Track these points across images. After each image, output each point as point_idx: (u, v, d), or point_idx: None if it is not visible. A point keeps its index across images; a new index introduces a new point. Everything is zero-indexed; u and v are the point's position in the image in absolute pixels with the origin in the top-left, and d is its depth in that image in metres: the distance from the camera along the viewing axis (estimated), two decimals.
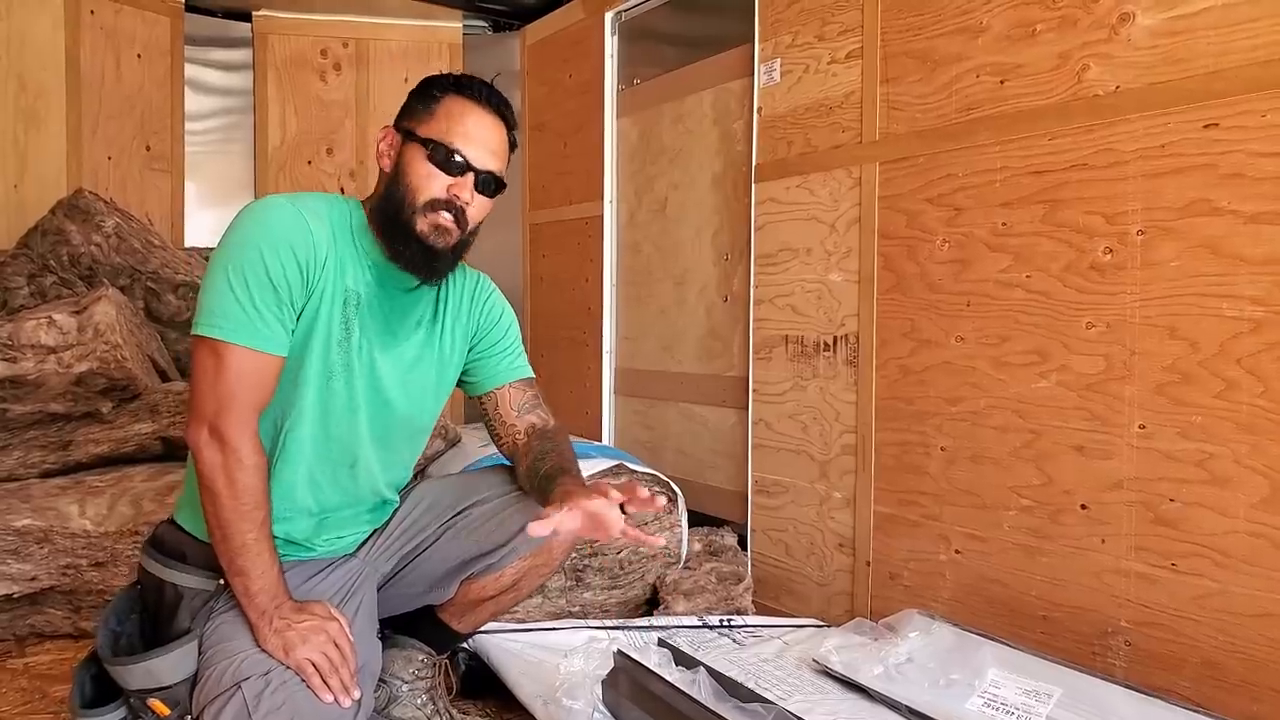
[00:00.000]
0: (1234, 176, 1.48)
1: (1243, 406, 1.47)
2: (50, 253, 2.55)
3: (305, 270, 1.23)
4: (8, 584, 1.93)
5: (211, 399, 1.18)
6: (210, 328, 1.19)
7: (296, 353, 1.26)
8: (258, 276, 1.19)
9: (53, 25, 2.94)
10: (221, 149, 3.51)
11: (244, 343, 1.18)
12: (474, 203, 1.29)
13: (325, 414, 1.31)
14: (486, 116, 1.31)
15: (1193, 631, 1.54)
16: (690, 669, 1.47)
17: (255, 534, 1.19)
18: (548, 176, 3.38)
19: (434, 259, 1.29)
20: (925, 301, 1.97)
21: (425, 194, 1.27)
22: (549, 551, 1.48)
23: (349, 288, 1.29)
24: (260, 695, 1.12)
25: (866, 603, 2.10)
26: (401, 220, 1.27)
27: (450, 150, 1.27)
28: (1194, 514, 1.54)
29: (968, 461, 1.88)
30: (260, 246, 1.19)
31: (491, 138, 1.31)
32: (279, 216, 1.23)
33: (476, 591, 1.49)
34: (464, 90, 1.31)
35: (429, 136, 1.28)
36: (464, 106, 1.29)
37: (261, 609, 1.18)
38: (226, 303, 1.18)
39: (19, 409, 2.11)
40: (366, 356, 1.32)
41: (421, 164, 1.27)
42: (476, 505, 1.47)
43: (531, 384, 1.52)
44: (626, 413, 3.02)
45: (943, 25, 1.93)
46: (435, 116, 1.29)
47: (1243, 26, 1.47)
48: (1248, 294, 1.47)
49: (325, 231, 1.26)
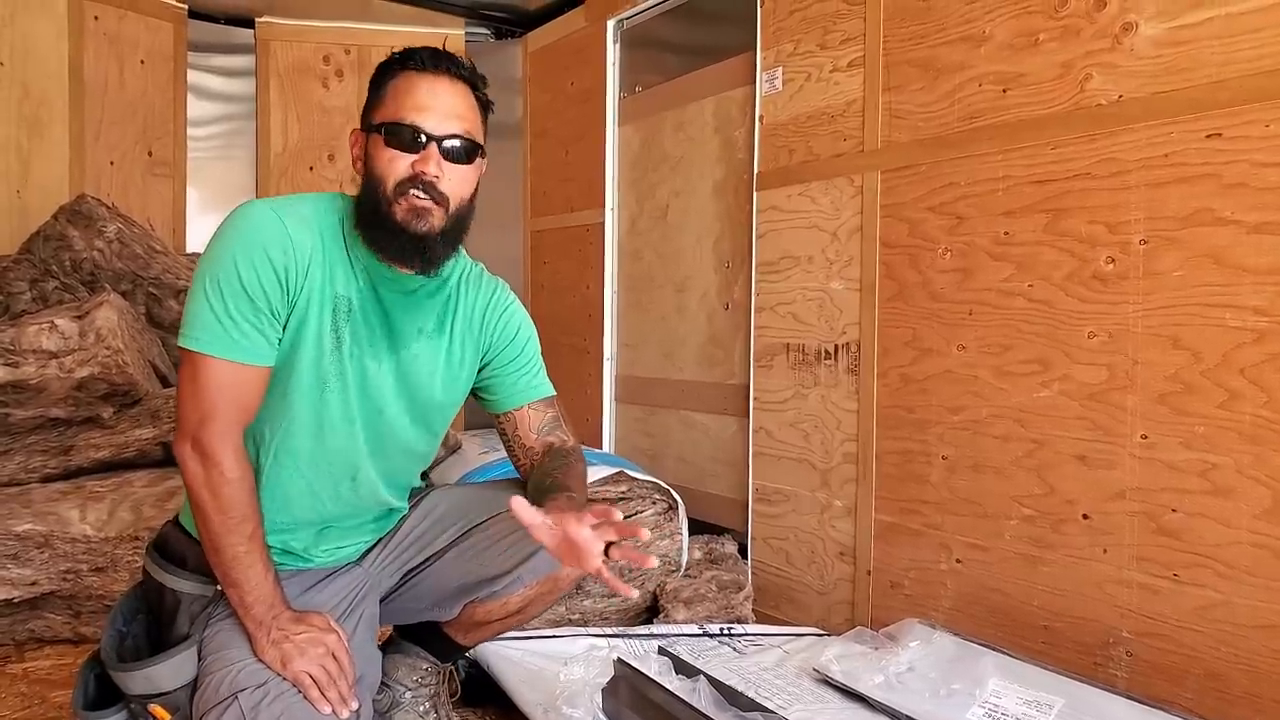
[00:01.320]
0: (1237, 186, 1.48)
1: (1246, 417, 1.47)
2: (52, 258, 2.55)
3: (284, 277, 1.18)
4: (8, 589, 1.92)
5: (193, 412, 1.16)
6: (189, 340, 1.16)
7: (286, 362, 1.22)
8: (233, 286, 1.15)
9: (56, 32, 2.95)
10: (223, 155, 3.51)
11: (221, 355, 1.15)
12: (446, 174, 1.20)
13: (320, 425, 1.26)
14: (438, 81, 1.21)
15: (1195, 642, 1.53)
16: (690, 677, 1.47)
17: (245, 546, 1.17)
18: (549, 183, 3.39)
19: (422, 244, 1.21)
20: (927, 310, 1.97)
21: (392, 178, 1.19)
22: (555, 581, 1.43)
23: (339, 294, 1.24)
24: (258, 707, 1.11)
25: (867, 612, 2.09)
26: (380, 214, 1.20)
27: (403, 126, 1.19)
28: (1196, 524, 1.53)
29: (969, 470, 1.88)
30: (236, 255, 1.15)
31: (448, 101, 1.21)
32: (257, 223, 1.18)
33: (482, 615, 1.46)
34: (409, 63, 1.23)
35: (382, 121, 1.21)
36: (411, 80, 1.21)
37: (259, 620, 1.17)
38: (204, 314, 1.15)
39: (20, 414, 2.11)
40: (359, 365, 1.26)
41: (382, 150, 1.20)
42: (486, 525, 1.41)
43: (552, 403, 1.44)
44: (627, 420, 3.02)
45: (945, 34, 1.93)
46: (385, 99, 1.22)
47: (1246, 36, 1.47)
48: (1251, 304, 1.46)
49: (309, 237, 1.21)
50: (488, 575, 1.39)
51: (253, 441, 1.26)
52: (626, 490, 2.20)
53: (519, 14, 3.55)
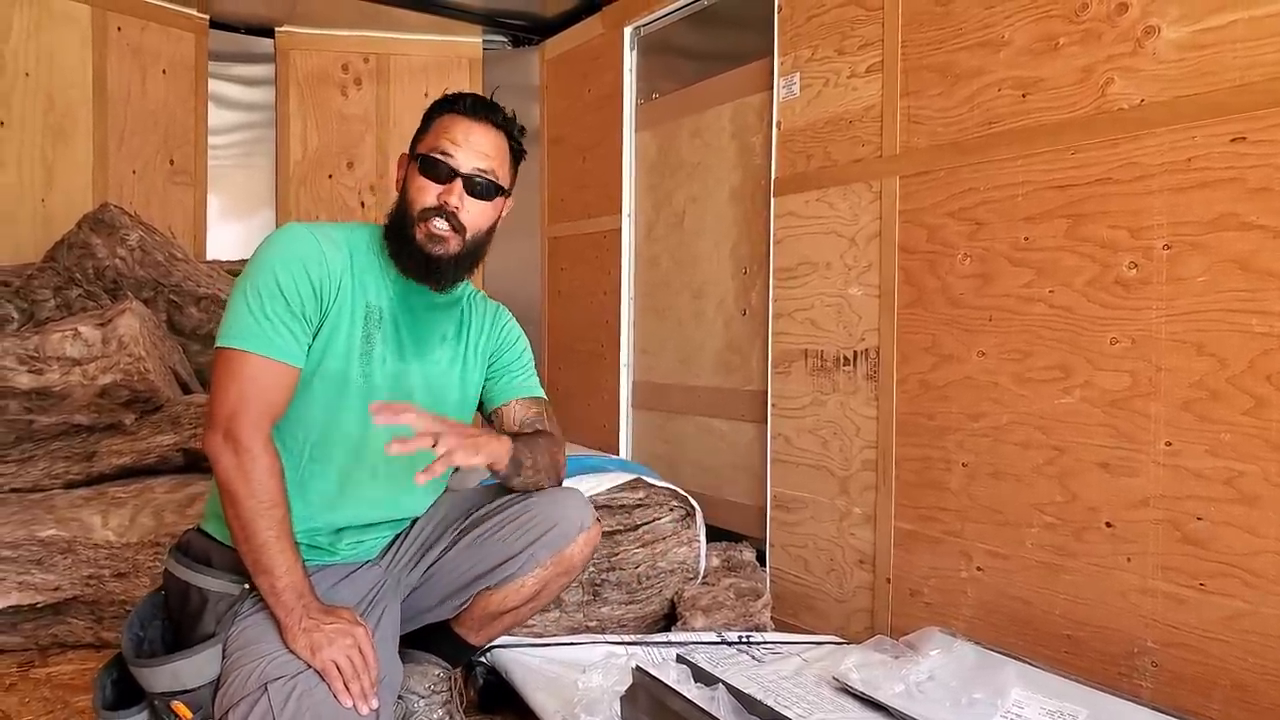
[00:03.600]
0: (1262, 191, 1.46)
1: (1273, 424, 1.45)
2: (76, 266, 2.58)
3: (318, 287, 1.30)
4: (31, 594, 1.94)
5: (225, 405, 1.24)
6: (225, 338, 1.26)
7: (319, 366, 1.32)
8: (270, 290, 1.26)
9: (81, 43, 2.99)
10: (244, 163, 3.55)
11: (255, 350, 1.25)
12: (466, 206, 1.34)
13: (348, 424, 1.35)
14: (475, 124, 1.37)
15: (1222, 653, 1.51)
16: (709, 686, 1.46)
17: (275, 531, 1.22)
18: (566, 190, 3.40)
19: (432, 265, 1.35)
20: (946, 316, 1.96)
21: (419, 204, 1.34)
22: (569, 561, 1.48)
23: (370, 303, 1.36)
24: (286, 699, 1.13)
25: (887, 620, 2.07)
26: (405, 233, 1.35)
27: (436, 159, 1.34)
28: (1223, 533, 1.51)
29: (989, 478, 1.86)
30: (275, 266, 1.27)
31: (479, 141, 1.36)
32: (293, 239, 1.31)
33: (496, 604, 1.49)
34: (453, 106, 1.39)
35: (421, 152, 1.37)
36: (452, 119, 1.37)
37: (289, 607, 1.20)
38: (242, 316, 1.26)
39: (45, 420, 2.13)
40: (390, 368, 1.38)
41: (416, 178, 1.36)
42: (492, 514, 1.48)
43: (540, 402, 1.57)
44: (644, 426, 3.01)
45: (964, 39, 1.92)
46: (429, 133, 1.39)
47: (1270, 40, 1.46)
48: (1277, 309, 1.44)
49: (341, 255, 1.34)
50: (501, 558, 1.45)
51: (283, 443, 1.32)
52: (644, 497, 2.20)
53: (536, 21, 3.56)
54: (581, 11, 3.31)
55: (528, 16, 3.55)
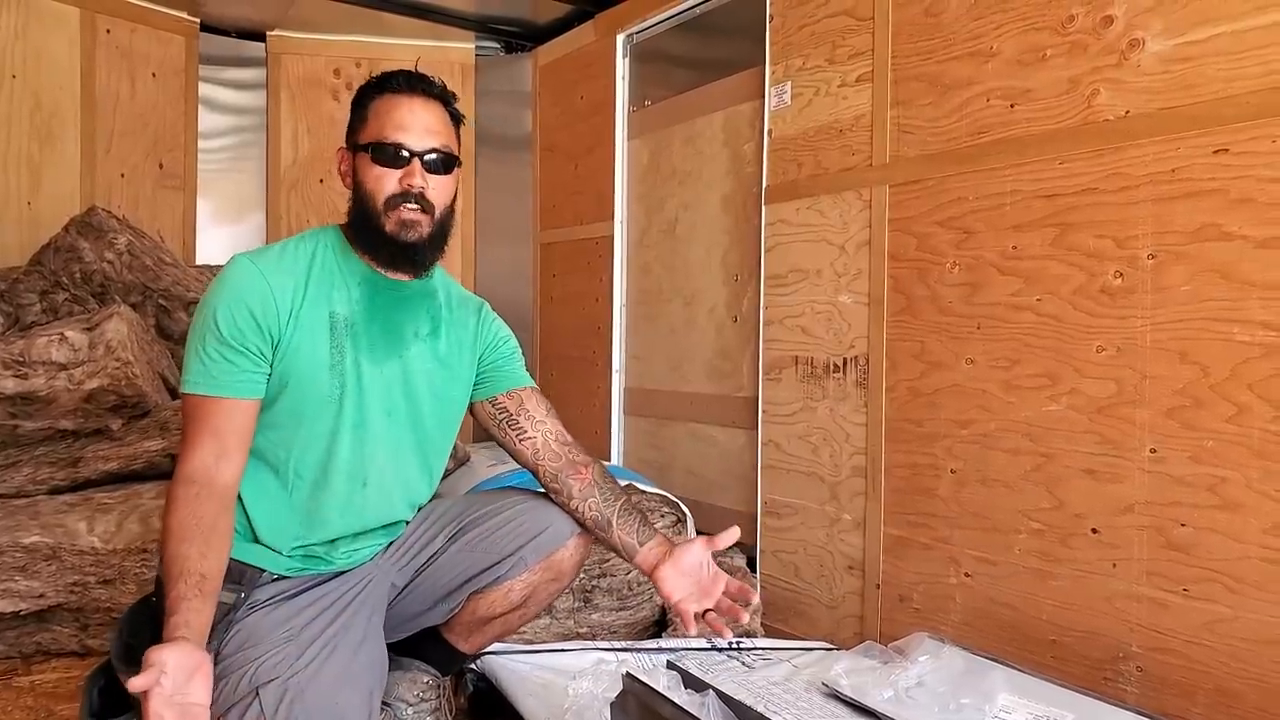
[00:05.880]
0: (1244, 201, 1.48)
1: (1255, 431, 1.47)
2: (63, 269, 2.57)
3: (261, 319, 1.28)
4: (15, 601, 1.93)
5: (183, 447, 1.27)
6: (182, 385, 1.29)
7: (285, 386, 1.31)
8: (213, 332, 1.27)
9: (68, 44, 2.97)
10: (234, 167, 3.53)
11: (203, 391, 1.26)
12: (430, 184, 1.34)
13: (329, 438, 1.34)
14: (414, 101, 1.35)
15: (1205, 658, 1.53)
16: (699, 692, 1.46)
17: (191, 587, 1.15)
18: (559, 197, 3.40)
19: (412, 252, 1.35)
20: (935, 324, 1.97)
21: (382, 194, 1.33)
22: (559, 567, 1.49)
23: (335, 311, 1.34)
24: (278, 703, 1.14)
25: (876, 625, 2.08)
26: (372, 227, 1.34)
27: (388, 145, 1.32)
28: (1206, 539, 1.53)
29: (978, 484, 1.88)
30: (215, 306, 1.28)
31: (423, 118, 1.35)
32: (234, 276, 1.30)
33: (485, 609, 1.49)
34: (386, 87, 1.37)
35: (368, 141, 1.34)
36: (389, 102, 1.35)
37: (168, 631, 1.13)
38: (190, 361, 1.28)
39: (29, 425, 2.11)
40: (363, 372, 1.36)
41: (370, 168, 1.33)
42: (486, 515, 1.49)
43: (539, 391, 1.60)
44: (635, 432, 3.02)
45: (953, 50, 1.94)
46: (368, 121, 1.36)
47: (1253, 53, 1.48)
48: (1259, 319, 1.47)
49: (291, 277, 1.32)
50: (490, 561, 1.45)
51: (270, 467, 1.33)
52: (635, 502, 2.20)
53: (529, 28, 3.57)
54: (574, 19, 3.32)
55: (520, 23, 3.56)
